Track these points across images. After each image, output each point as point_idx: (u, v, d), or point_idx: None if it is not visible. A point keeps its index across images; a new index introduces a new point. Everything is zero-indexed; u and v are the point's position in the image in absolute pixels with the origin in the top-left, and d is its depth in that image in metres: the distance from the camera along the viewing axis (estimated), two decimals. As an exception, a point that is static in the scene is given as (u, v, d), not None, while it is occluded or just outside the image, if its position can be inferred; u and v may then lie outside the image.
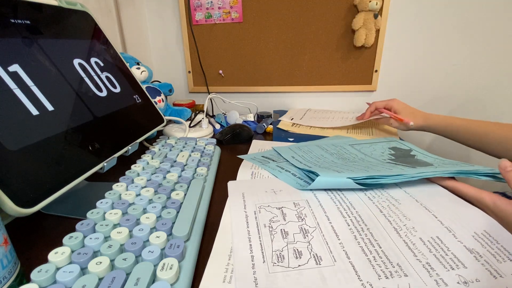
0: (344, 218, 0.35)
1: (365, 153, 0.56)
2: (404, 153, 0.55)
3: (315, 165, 0.48)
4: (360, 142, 0.62)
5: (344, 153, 0.56)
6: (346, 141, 0.63)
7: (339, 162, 0.50)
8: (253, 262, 0.28)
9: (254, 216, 0.36)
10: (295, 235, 0.33)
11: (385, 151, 0.57)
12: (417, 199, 0.39)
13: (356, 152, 0.56)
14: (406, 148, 0.58)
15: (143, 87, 0.58)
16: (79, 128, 0.38)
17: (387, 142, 0.62)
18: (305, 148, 0.58)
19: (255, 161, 0.54)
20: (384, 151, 0.57)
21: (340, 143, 0.62)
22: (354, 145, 0.60)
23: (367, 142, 0.62)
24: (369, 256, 0.29)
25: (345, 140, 0.64)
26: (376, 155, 0.55)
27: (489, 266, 0.27)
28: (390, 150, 0.57)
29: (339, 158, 0.53)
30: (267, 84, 1.00)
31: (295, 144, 0.62)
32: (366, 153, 0.56)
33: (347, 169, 0.44)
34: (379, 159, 0.53)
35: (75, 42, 0.45)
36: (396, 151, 0.56)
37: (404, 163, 0.48)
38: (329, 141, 0.64)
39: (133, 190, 0.38)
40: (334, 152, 0.56)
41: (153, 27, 0.99)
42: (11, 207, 0.26)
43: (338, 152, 0.56)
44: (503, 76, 0.91)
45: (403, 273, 0.27)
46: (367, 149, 0.58)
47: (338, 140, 0.65)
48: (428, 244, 0.31)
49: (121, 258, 0.26)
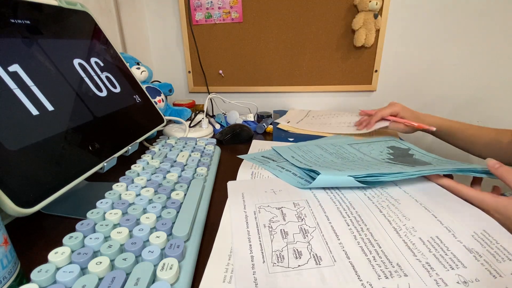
0: (343, 218, 0.35)
1: (364, 153, 0.56)
2: (403, 152, 0.55)
3: (315, 165, 0.48)
4: (359, 142, 0.62)
5: (343, 152, 0.56)
6: (345, 140, 0.63)
7: (339, 162, 0.50)
8: (253, 263, 0.28)
9: (254, 216, 0.36)
10: (295, 235, 0.33)
11: (384, 150, 0.57)
12: (417, 199, 0.39)
13: (355, 152, 0.56)
14: (404, 147, 0.58)
15: (143, 87, 0.58)
16: (79, 128, 0.38)
17: (385, 141, 0.62)
18: (304, 148, 0.58)
19: (255, 161, 0.54)
20: (383, 150, 0.57)
21: (339, 142, 0.62)
22: (353, 145, 0.60)
23: (365, 141, 0.62)
24: (369, 256, 0.29)
25: (343, 140, 0.64)
26: (375, 154, 0.55)
27: (488, 265, 0.27)
28: (388, 149, 0.57)
29: (339, 158, 0.53)
30: (267, 84, 1.00)
31: (294, 144, 0.62)
32: (365, 152, 0.56)
33: (347, 167, 0.45)
34: (378, 158, 0.53)
35: (75, 42, 0.45)
36: (395, 150, 0.57)
37: (403, 162, 0.49)
38: (328, 141, 0.64)
39: (133, 190, 0.38)
40: (333, 151, 0.56)
41: (153, 27, 0.99)
42: (11, 207, 0.26)
43: (337, 152, 0.56)
44: (503, 76, 0.91)
45: (403, 273, 0.27)
46: (366, 148, 0.58)
47: (337, 139, 0.65)
48: (428, 244, 0.31)
49: (121, 258, 0.26)
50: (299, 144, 0.62)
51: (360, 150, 0.57)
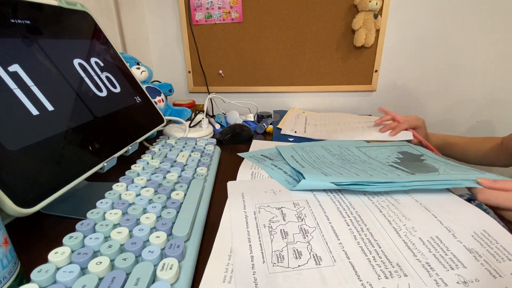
0: (343, 218, 0.35)
1: (370, 156, 0.55)
2: (413, 158, 0.54)
3: (311, 165, 0.48)
4: (369, 145, 0.61)
5: (347, 154, 0.55)
6: (354, 143, 0.62)
7: (337, 163, 0.50)
8: (253, 263, 0.28)
9: (253, 217, 0.36)
10: (295, 235, 0.32)
11: (393, 154, 0.56)
12: (417, 199, 0.39)
13: (360, 154, 0.56)
14: (417, 153, 0.56)
15: (143, 87, 0.58)
16: (79, 128, 0.38)
17: (398, 146, 0.60)
18: (307, 148, 0.58)
19: (253, 159, 0.54)
20: (392, 154, 0.56)
21: (346, 144, 0.61)
22: (361, 147, 0.59)
23: (377, 145, 0.61)
24: (369, 256, 0.29)
25: (352, 142, 0.62)
26: (381, 157, 0.54)
27: (488, 266, 0.27)
28: (398, 154, 0.56)
29: (339, 159, 0.53)
30: (267, 84, 1.00)
31: (299, 144, 0.62)
32: (370, 155, 0.55)
33: (338, 171, 0.44)
34: (383, 161, 0.52)
35: (75, 42, 0.45)
36: (405, 155, 0.55)
37: (407, 168, 0.48)
38: (336, 142, 0.63)
39: (133, 190, 0.38)
40: (336, 153, 0.56)
41: (153, 27, 0.99)
42: (11, 207, 0.26)
43: (341, 153, 0.56)
44: (503, 76, 0.91)
45: (403, 273, 0.27)
46: (373, 152, 0.57)
47: (346, 142, 0.63)
48: (428, 244, 0.30)
49: (121, 258, 0.26)
50: (303, 144, 0.61)
51: (367, 153, 0.56)
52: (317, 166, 0.48)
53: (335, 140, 0.65)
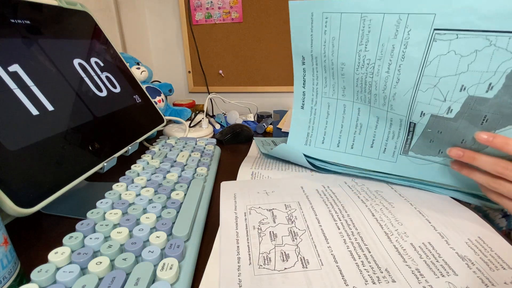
0: (334, 222, 0.35)
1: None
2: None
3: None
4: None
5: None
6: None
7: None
8: (239, 264, 0.28)
9: (244, 218, 0.36)
10: (284, 237, 0.32)
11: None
12: (412, 203, 0.38)
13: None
14: None
15: (143, 87, 0.58)
16: (79, 128, 0.38)
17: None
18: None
19: (260, 143, 0.58)
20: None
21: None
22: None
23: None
24: (357, 261, 0.29)
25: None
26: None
27: (481, 274, 0.27)
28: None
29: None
30: (267, 84, 1.00)
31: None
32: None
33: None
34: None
35: (75, 42, 0.45)
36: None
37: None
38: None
39: (133, 190, 0.38)
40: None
41: (153, 27, 0.99)
42: (11, 207, 0.26)
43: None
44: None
45: (391, 279, 0.26)
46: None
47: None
48: (419, 250, 0.30)
49: (121, 258, 0.26)
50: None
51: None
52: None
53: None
